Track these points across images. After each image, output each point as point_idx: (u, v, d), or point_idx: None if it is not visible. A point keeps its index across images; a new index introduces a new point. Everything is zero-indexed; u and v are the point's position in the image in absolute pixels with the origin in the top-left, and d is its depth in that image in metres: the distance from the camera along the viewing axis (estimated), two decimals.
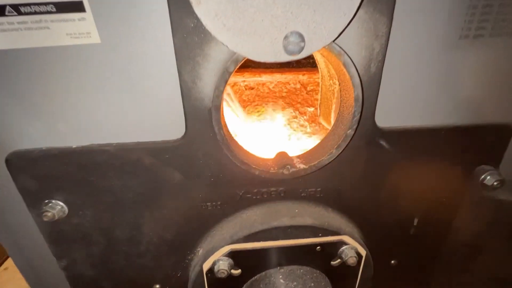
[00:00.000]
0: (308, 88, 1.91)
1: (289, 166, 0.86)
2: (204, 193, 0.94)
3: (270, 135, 1.83)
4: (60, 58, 0.73)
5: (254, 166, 0.85)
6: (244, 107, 1.87)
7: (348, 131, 0.82)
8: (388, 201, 1.06)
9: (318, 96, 1.17)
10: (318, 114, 1.19)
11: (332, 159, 0.87)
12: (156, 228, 0.98)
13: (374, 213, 1.08)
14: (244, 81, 1.80)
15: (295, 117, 1.93)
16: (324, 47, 0.68)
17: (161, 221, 0.97)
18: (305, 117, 1.95)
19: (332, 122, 1.03)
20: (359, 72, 0.76)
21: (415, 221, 1.15)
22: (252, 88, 1.88)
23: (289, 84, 1.88)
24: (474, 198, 1.08)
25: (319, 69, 1.12)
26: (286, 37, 0.62)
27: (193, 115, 0.81)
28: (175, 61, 0.74)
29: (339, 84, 0.84)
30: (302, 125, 1.98)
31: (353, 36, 0.75)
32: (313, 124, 1.97)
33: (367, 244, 1.05)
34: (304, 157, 0.92)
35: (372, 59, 0.80)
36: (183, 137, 0.85)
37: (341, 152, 0.86)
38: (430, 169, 1.02)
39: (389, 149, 0.95)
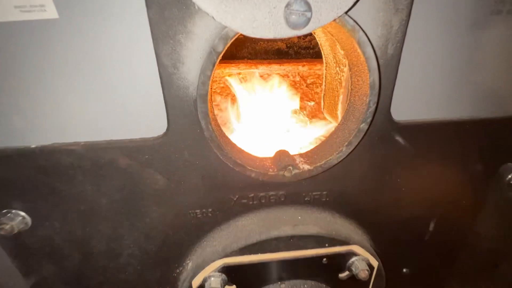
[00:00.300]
0: (308, 81, 1.77)
1: (291, 167, 0.72)
2: (192, 199, 0.80)
3: (267, 131, 1.69)
4: (8, 37, 0.59)
5: (249, 168, 0.71)
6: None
7: (361, 125, 0.69)
8: (402, 204, 0.93)
9: (322, 87, 1.03)
10: (322, 106, 1.06)
11: (342, 158, 0.73)
12: (138, 239, 0.84)
13: (386, 218, 0.95)
14: (239, 73, 1.66)
15: (295, 111, 1.80)
16: (335, 20, 0.54)
17: (144, 231, 0.83)
18: (305, 111, 1.82)
19: (340, 115, 0.90)
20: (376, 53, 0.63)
21: (431, 226, 1.02)
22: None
23: (288, 77, 1.73)
24: (498, 199, 0.96)
25: (323, 55, 0.98)
26: (288, 5, 0.49)
27: (176, 107, 0.67)
28: (151, 40, 0.60)
29: (350, 70, 0.70)
30: (302, 120, 1.85)
31: (368, 9, 0.61)
32: (314, 119, 1.83)
33: (377, 251, 0.92)
34: (308, 156, 0.78)
35: (389, 39, 0.66)
36: (165, 134, 0.71)
37: (353, 150, 0.73)
38: (450, 167, 0.89)
39: (406, 145, 0.82)
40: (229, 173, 0.74)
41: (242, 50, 1.68)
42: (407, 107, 0.76)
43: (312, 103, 1.79)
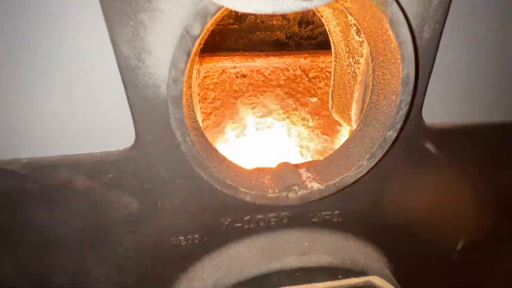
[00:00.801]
0: (310, 75, 1.59)
1: (296, 187, 0.56)
2: (174, 224, 0.64)
3: (265, 134, 1.52)
4: None
5: (243, 189, 0.55)
6: (235, 98, 1.56)
7: (389, 133, 0.52)
8: (428, 220, 0.77)
9: (331, 82, 0.86)
10: (330, 105, 0.89)
11: (362, 174, 0.57)
12: (110, 272, 0.68)
13: (409, 238, 0.79)
14: (234, 67, 1.48)
15: (296, 109, 1.63)
16: None
17: (116, 262, 0.67)
18: (306, 108, 1.64)
19: (354, 116, 0.73)
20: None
21: (459, 245, 0.86)
22: (245, 76, 1.56)
23: (288, 70, 1.56)
24: None
25: (332, 45, 0.81)
26: None
27: (145, 112, 0.50)
28: (103, 22, 0.43)
29: (373, 60, 0.53)
30: (303, 118, 1.67)
31: None
32: (316, 117, 1.66)
33: (397, 277, 0.77)
34: (318, 170, 0.62)
35: (426, 18, 0.49)
36: (133, 146, 0.54)
37: (376, 164, 0.56)
38: (489, 178, 0.73)
39: (438, 154, 0.65)
40: (217, 196, 0.57)
41: (237, 42, 1.50)
42: (443, 107, 0.60)
43: (315, 99, 1.61)
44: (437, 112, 0.60)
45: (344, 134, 1.45)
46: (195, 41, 0.41)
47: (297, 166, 0.65)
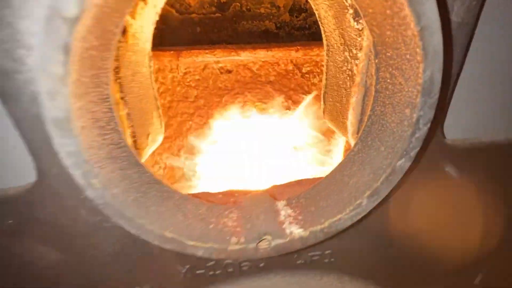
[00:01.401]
0: (304, 70, 1.41)
1: (269, 237, 0.40)
2: (113, 275, 0.48)
3: (252, 136, 1.36)
4: None
5: (191, 243, 0.38)
6: (220, 96, 1.38)
7: (399, 162, 0.36)
8: (442, 254, 0.61)
9: (323, 81, 0.69)
10: (322, 109, 0.72)
11: (360, 216, 0.40)
12: None
13: (417, 275, 0.63)
14: (217, 61, 1.30)
15: (288, 107, 1.45)
16: None
17: None
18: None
19: (351, 128, 0.56)
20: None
21: (478, 279, 0.71)
22: (230, 72, 1.38)
23: (279, 65, 1.37)
24: None
25: (324, 34, 0.63)
26: None
27: (40, 136, 0.34)
28: None
29: (377, 55, 0.36)
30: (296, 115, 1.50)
31: None
32: (309, 114, 1.48)
33: None
34: (301, 205, 0.45)
35: None
36: (37, 182, 0.38)
37: (381, 202, 0.40)
38: None
39: (459, 177, 0.49)
40: (157, 249, 0.41)
41: (220, 33, 1.31)
42: (472, 120, 0.43)
43: (309, 96, 1.43)
44: (464, 126, 0.43)
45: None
46: (74, 25, 0.23)
47: (274, 197, 0.49)
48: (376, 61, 0.37)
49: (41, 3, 0.24)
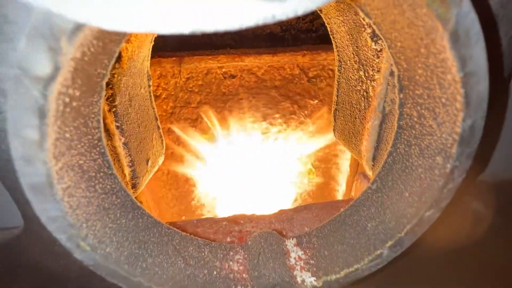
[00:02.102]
0: (310, 74, 1.36)
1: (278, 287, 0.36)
2: None
3: (258, 143, 1.32)
4: None
5: None
6: (224, 102, 1.34)
7: (428, 213, 0.31)
8: None
9: (333, 97, 0.64)
10: (333, 127, 0.67)
11: (380, 266, 0.36)
12: None
13: None
14: (221, 67, 1.25)
15: (294, 112, 1.41)
16: None
17: None
18: (306, 112, 1.42)
19: (366, 154, 0.51)
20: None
21: None
22: (234, 77, 1.33)
23: (284, 69, 1.32)
24: None
25: (336, 48, 0.58)
26: None
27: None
28: None
29: (404, 90, 0.31)
30: (302, 123, 1.46)
31: None
32: (318, 122, 1.44)
33: None
34: (313, 248, 0.41)
35: None
36: (24, 228, 0.34)
37: (404, 253, 0.35)
38: None
39: (486, 214, 0.44)
40: None
41: (224, 36, 1.26)
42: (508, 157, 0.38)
43: (316, 101, 1.39)
44: (500, 163, 0.38)
45: None
46: (48, 87, 0.19)
47: (283, 234, 0.45)
48: (401, 95, 0.33)
49: (10, 61, 0.20)
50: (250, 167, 1.36)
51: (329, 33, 0.57)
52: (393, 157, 0.36)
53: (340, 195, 1.49)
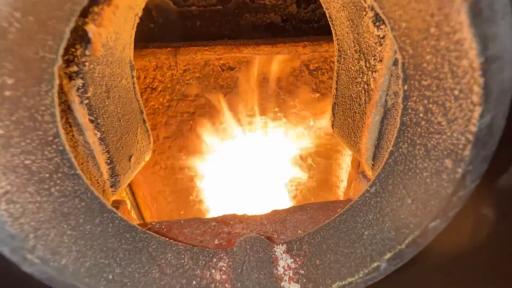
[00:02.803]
0: (312, 66, 1.30)
1: None
2: None
3: (257, 138, 1.27)
4: None
5: None
6: (223, 94, 1.29)
7: (432, 224, 0.27)
8: None
9: (332, 90, 0.59)
10: (331, 122, 0.62)
11: (376, 280, 0.32)
12: None
13: None
14: (219, 58, 1.20)
15: (294, 106, 1.36)
16: None
17: None
18: (306, 105, 1.38)
19: (366, 152, 0.47)
20: None
21: None
22: (232, 69, 1.29)
23: (284, 62, 1.27)
24: None
25: (335, 36, 0.53)
26: None
27: None
28: None
29: (408, 80, 0.27)
30: (303, 117, 1.41)
31: None
32: (318, 116, 1.39)
33: None
34: (304, 255, 0.37)
35: None
36: None
37: (403, 266, 0.31)
38: None
39: (497, 220, 0.40)
40: None
41: (222, 27, 1.21)
42: None
43: (317, 95, 1.34)
44: None
45: None
46: None
47: (272, 239, 0.41)
48: (405, 87, 0.28)
49: None
50: (249, 162, 1.32)
51: (328, 19, 0.51)
52: (394, 157, 0.32)
53: (341, 191, 1.45)
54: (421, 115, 0.27)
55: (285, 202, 1.39)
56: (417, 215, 0.28)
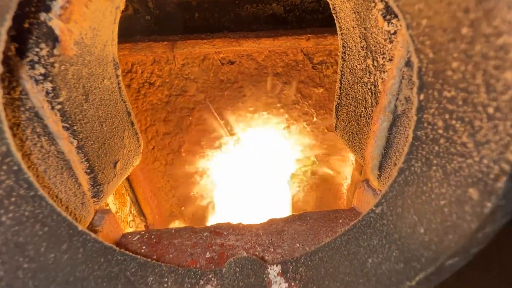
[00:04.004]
0: (315, 60, 1.24)
1: None
2: None
3: (258, 135, 1.23)
4: None
5: None
6: (222, 90, 1.24)
7: (449, 262, 0.23)
8: None
9: (336, 90, 0.54)
10: (334, 123, 0.57)
11: None
12: None
13: None
14: (218, 52, 1.15)
15: (296, 101, 1.31)
16: None
17: None
18: (310, 101, 1.33)
19: (372, 161, 0.42)
20: None
21: None
22: (233, 63, 1.23)
23: (287, 55, 1.21)
24: None
25: (339, 30, 0.47)
26: None
27: None
28: None
29: (426, 88, 0.22)
30: (306, 113, 1.36)
31: None
32: (322, 112, 1.34)
33: None
34: (299, 279, 0.33)
35: None
36: None
37: None
38: None
39: None
40: None
41: (221, 18, 1.15)
42: None
43: (321, 89, 1.28)
44: None
45: None
46: None
47: (264, 260, 0.37)
48: (421, 97, 0.23)
49: None
50: (251, 158, 1.28)
51: (332, 11, 0.46)
52: (405, 176, 0.27)
53: (344, 188, 1.41)
54: (440, 131, 0.22)
55: (286, 198, 1.35)
56: (431, 249, 0.23)
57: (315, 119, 1.37)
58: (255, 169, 1.29)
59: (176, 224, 1.45)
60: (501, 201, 0.18)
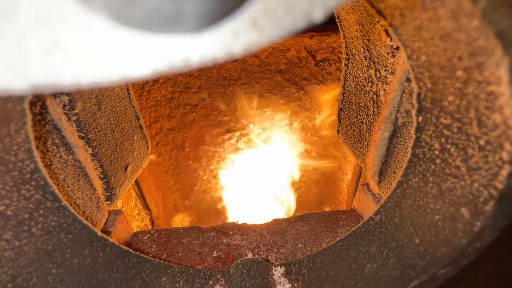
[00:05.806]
0: (318, 57, 1.24)
1: None
2: None
3: (261, 132, 1.24)
4: None
5: None
6: (225, 87, 1.25)
7: (442, 271, 0.25)
8: None
9: (339, 95, 0.55)
10: (337, 128, 0.59)
11: None
12: None
13: None
14: None
15: (299, 98, 1.32)
16: None
17: None
18: (313, 98, 1.33)
19: (373, 168, 0.44)
20: None
21: None
22: (236, 60, 1.24)
23: (290, 52, 1.22)
24: None
25: (343, 39, 0.48)
26: None
27: None
28: None
29: (424, 112, 0.23)
30: (308, 110, 1.37)
31: None
32: (324, 108, 1.35)
33: None
34: (302, 280, 0.35)
35: None
36: None
37: None
38: None
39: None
40: None
41: None
42: None
43: (323, 87, 1.29)
44: None
45: None
46: None
47: (268, 261, 0.39)
48: (420, 119, 0.24)
49: None
50: (253, 155, 1.30)
51: (336, 20, 0.47)
52: (403, 189, 0.29)
53: (345, 184, 1.43)
54: (437, 152, 0.24)
55: (289, 191, 1.38)
56: (425, 259, 0.25)
57: (317, 115, 1.38)
58: (257, 164, 1.31)
59: (180, 217, 1.49)
60: (489, 221, 0.20)
